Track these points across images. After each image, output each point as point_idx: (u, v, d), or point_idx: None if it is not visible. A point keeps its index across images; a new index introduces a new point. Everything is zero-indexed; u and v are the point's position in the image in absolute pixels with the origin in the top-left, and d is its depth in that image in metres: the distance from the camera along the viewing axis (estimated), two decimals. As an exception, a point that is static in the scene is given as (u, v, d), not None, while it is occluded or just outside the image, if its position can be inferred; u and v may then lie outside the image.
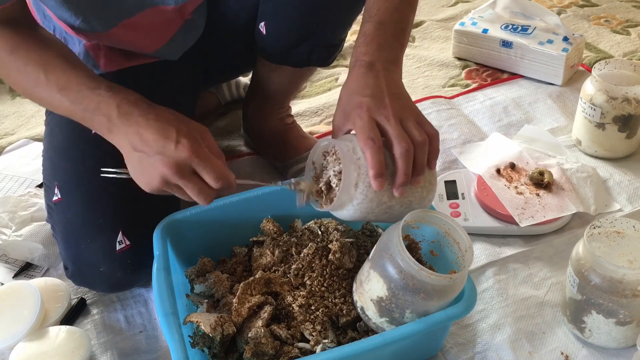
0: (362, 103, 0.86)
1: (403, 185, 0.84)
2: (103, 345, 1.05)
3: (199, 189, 0.85)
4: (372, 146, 0.82)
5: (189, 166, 0.84)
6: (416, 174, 0.85)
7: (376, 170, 0.82)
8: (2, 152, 1.47)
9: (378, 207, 0.86)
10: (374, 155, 0.82)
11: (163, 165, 0.84)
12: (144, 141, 0.85)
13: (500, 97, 1.54)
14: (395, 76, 0.92)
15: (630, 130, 1.30)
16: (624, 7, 1.89)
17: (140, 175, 0.87)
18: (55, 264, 1.17)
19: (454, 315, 0.88)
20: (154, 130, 0.85)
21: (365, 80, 0.89)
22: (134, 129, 0.86)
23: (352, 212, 0.87)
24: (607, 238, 0.97)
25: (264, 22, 1.14)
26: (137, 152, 0.85)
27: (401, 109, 0.87)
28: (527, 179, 1.24)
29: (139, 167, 0.87)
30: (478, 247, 1.17)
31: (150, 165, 0.85)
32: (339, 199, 0.85)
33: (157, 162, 0.84)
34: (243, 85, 1.55)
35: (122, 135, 0.87)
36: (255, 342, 0.88)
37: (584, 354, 0.99)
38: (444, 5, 1.97)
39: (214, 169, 0.85)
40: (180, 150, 0.84)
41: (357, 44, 0.93)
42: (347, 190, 0.84)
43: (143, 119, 0.86)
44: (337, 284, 0.96)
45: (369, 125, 0.84)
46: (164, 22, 1.03)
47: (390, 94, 0.88)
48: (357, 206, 0.85)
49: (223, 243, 1.07)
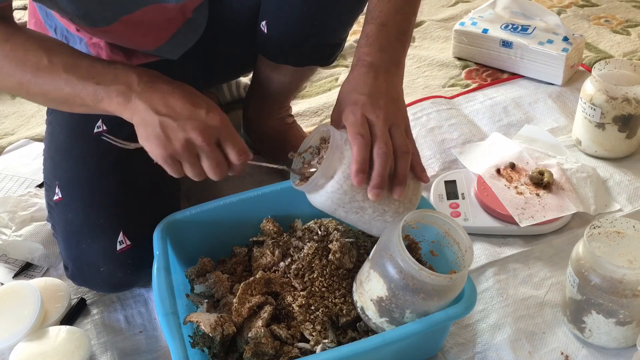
0: (358, 100, 0.87)
1: (377, 188, 0.83)
2: (103, 345, 1.05)
3: (217, 162, 0.85)
4: (360, 141, 0.82)
5: (215, 136, 0.84)
6: (397, 183, 0.85)
7: (359, 166, 0.82)
8: (2, 152, 1.47)
9: (350, 203, 0.86)
10: (360, 151, 0.82)
11: (193, 129, 0.82)
12: (172, 106, 0.84)
13: (500, 97, 1.54)
14: (396, 79, 0.92)
15: (630, 130, 1.30)
16: (624, 7, 1.89)
17: (155, 139, 0.84)
18: (55, 264, 1.17)
19: (454, 315, 0.88)
20: (182, 98, 0.85)
21: (365, 80, 0.89)
22: (159, 96, 0.85)
23: (324, 199, 0.86)
24: (607, 238, 0.97)
25: (265, 21, 1.14)
26: (161, 116, 0.83)
27: (394, 114, 0.87)
28: (527, 179, 1.24)
29: (157, 131, 0.84)
30: (478, 247, 1.17)
31: (176, 128, 0.83)
32: (314, 180, 0.84)
33: (187, 125, 0.83)
34: (243, 85, 1.55)
35: (142, 101, 0.85)
36: (255, 342, 0.89)
37: (584, 354, 1.00)
38: (444, 5, 1.97)
39: (239, 145, 0.85)
40: (212, 118, 0.84)
41: (360, 44, 0.93)
42: (324, 174, 0.84)
43: (168, 87, 0.86)
44: (337, 284, 0.96)
45: (360, 122, 0.84)
46: (164, 20, 1.03)
47: (388, 96, 0.88)
48: (330, 194, 0.85)
49: (223, 243, 1.07)
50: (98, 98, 0.87)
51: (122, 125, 1.08)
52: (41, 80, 0.89)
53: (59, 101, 0.91)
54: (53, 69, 0.87)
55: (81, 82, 0.87)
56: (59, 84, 0.88)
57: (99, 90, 0.86)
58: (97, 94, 0.87)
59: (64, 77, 0.87)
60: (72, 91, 0.88)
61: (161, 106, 0.84)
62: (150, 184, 1.08)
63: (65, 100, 0.90)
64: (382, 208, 0.87)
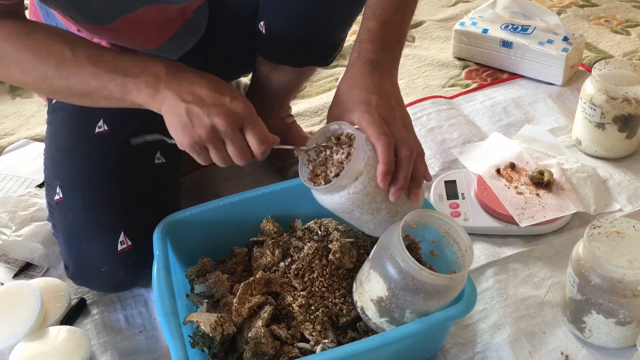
0: (370, 100, 0.86)
1: (400, 190, 0.83)
2: (103, 345, 1.05)
3: (242, 148, 0.86)
4: (386, 142, 0.82)
5: (240, 122, 0.85)
6: (415, 185, 0.86)
7: (387, 167, 0.82)
8: (2, 152, 1.47)
9: (369, 204, 0.86)
10: (387, 152, 0.82)
11: (217, 114, 0.84)
12: (198, 94, 0.86)
13: (500, 97, 1.54)
14: (396, 80, 0.93)
15: (630, 130, 1.30)
16: (624, 7, 1.89)
17: (183, 128, 0.85)
18: (55, 264, 1.17)
19: (454, 315, 0.88)
20: (208, 86, 0.86)
21: (371, 78, 0.89)
22: (187, 85, 0.87)
23: (344, 200, 0.85)
24: (607, 238, 0.97)
25: (263, 22, 1.14)
26: (187, 104, 0.85)
27: (403, 116, 0.88)
28: (527, 179, 1.24)
29: (184, 119, 0.85)
30: (478, 247, 1.17)
31: (201, 114, 0.84)
32: (339, 181, 0.83)
33: (212, 111, 0.84)
34: (243, 86, 1.55)
35: (170, 90, 0.86)
36: (255, 342, 0.89)
37: (584, 354, 1.00)
38: (444, 5, 1.97)
39: (262, 131, 0.86)
40: (236, 105, 0.85)
41: (360, 39, 0.93)
42: (350, 176, 0.83)
43: (195, 76, 0.88)
44: (337, 284, 0.96)
45: (380, 122, 0.84)
46: (165, 19, 1.03)
47: (395, 98, 0.89)
48: (351, 195, 0.84)
49: (223, 243, 1.07)
50: (126, 90, 0.88)
51: (123, 125, 1.09)
52: (66, 73, 0.89)
53: (83, 94, 0.91)
54: (78, 61, 0.88)
55: (108, 75, 0.88)
56: (84, 77, 0.88)
57: (127, 82, 0.87)
58: (126, 86, 0.88)
59: (90, 70, 0.88)
60: (98, 84, 0.88)
61: (187, 94, 0.86)
62: (151, 184, 1.08)
63: (89, 93, 0.90)
64: (395, 209, 0.88)
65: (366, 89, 0.87)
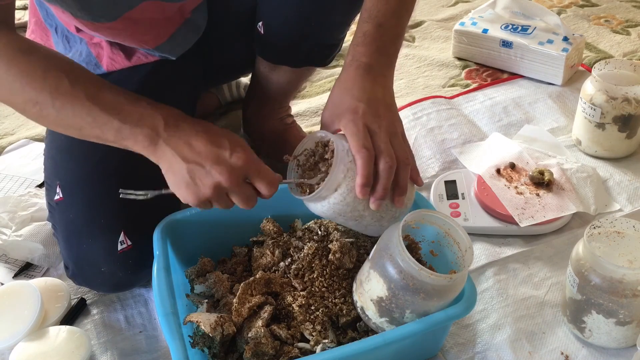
0: (357, 108, 0.86)
1: (380, 200, 0.85)
2: (103, 345, 1.05)
3: (247, 197, 0.86)
4: (365, 155, 0.83)
5: (243, 175, 0.85)
6: (398, 193, 0.87)
7: (365, 180, 0.83)
8: (2, 152, 1.47)
9: (351, 213, 0.88)
10: (366, 165, 0.83)
11: (220, 174, 0.83)
12: (197, 152, 0.84)
13: (500, 97, 1.54)
14: (390, 83, 0.93)
15: (630, 130, 1.30)
16: (624, 7, 1.89)
17: (186, 187, 0.85)
18: (55, 264, 1.17)
19: (454, 315, 0.88)
20: (206, 140, 0.85)
21: (362, 83, 0.89)
22: (184, 140, 0.85)
23: (326, 209, 0.88)
24: (607, 238, 0.97)
25: (262, 22, 1.14)
26: (188, 164, 0.84)
27: (392, 122, 0.88)
28: (527, 179, 1.24)
29: (187, 179, 0.84)
30: (478, 247, 1.17)
31: (204, 175, 0.84)
32: (319, 193, 0.85)
33: (214, 171, 0.83)
34: (243, 86, 1.55)
35: (169, 147, 0.85)
36: (255, 342, 0.89)
37: (584, 354, 1.00)
38: (444, 5, 1.97)
39: (268, 177, 0.86)
40: (236, 159, 0.84)
41: (355, 42, 0.93)
42: (329, 188, 0.85)
43: (193, 130, 0.86)
44: (337, 284, 0.96)
45: (364, 134, 0.85)
46: (163, 19, 1.03)
47: (385, 103, 0.89)
48: (332, 205, 0.87)
49: (223, 243, 1.07)
50: (121, 136, 0.86)
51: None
52: (59, 103, 0.85)
53: (74, 127, 0.88)
54: (75, 94, 0.85)
55: (104, 115, 0.85)
56: (79, 111, 0.86)
57: (123, 128, 0.85)
58: (121, 132, 0.86)
59: (87, 106, 0.85)
60: (92, 122, 0.86)
61: (187, 152, 0.84)
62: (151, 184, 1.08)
63: (80, 128, 0.87)
64: (379, 215, 0.89)
65: (355, 97, 0.88)
